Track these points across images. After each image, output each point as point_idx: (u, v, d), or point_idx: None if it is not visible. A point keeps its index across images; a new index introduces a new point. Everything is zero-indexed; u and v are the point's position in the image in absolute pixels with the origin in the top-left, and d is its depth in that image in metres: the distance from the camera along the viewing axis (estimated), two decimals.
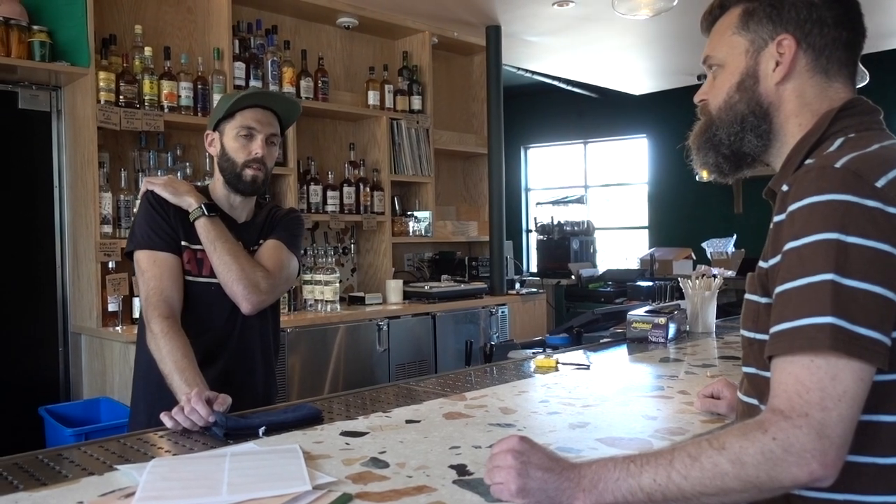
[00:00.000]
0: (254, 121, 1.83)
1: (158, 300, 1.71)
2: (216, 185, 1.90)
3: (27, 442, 2.34)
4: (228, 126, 1.84)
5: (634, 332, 2.38)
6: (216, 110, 1.88)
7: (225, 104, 1.84)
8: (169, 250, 1.77)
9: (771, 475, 0.83)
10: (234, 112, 1.83)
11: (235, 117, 1.83)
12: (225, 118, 1.84)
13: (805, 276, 0.88)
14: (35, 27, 2.96)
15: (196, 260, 1.81)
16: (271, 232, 1.92)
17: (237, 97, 1.82)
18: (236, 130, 1.82)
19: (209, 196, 1.88)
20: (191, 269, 1.80)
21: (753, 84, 1.07)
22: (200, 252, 1.80)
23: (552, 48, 5.27)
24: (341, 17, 4.11)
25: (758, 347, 0.99)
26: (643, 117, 7.36)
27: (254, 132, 1.83)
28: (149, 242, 1.76)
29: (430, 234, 4.42)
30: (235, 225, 1.88)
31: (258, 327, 1.88)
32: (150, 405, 1.74)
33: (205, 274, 1.81)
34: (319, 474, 1.11)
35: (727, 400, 1.41)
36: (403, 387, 1.78)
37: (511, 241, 4.94)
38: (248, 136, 1.82)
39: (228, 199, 1.88)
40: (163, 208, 1.79)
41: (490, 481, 0.97)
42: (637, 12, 2.79)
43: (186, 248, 1.80)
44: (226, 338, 1.83)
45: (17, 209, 3.18)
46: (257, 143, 1.82)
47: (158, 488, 1.05)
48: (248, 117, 1.83)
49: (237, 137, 1.82)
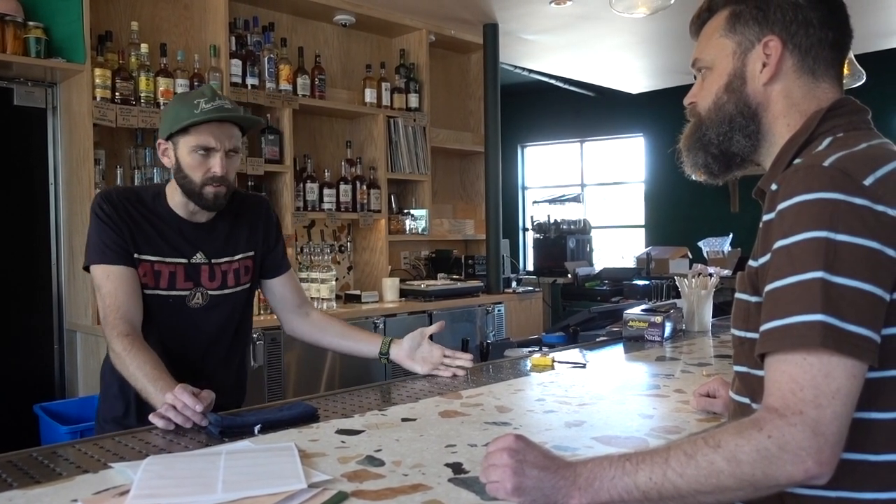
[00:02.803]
0: (212, 138, 1.68)
1: (115, 318, 1.64)
2: (172, 190, 1.77)
3: (22, 440, 2.33)
4: (183, 141, 1.69)
5: (631, 330, 2.38)
6: (168, 119, 1.71)
7: (179, 114, 1.68)
8: (122, 263, 1.69)
9: (766, 473, 0.84)
10: (189, 127, 1.68)
11: (190, 133, 1.68)
12: (179, 132, 1.69)
13: (795, 274, 0.88)
14: (31, 23, 2.95)
15: (153, 272, 1.73)
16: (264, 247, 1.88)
17: (192, 117, 1.65)
18: (191, 148, 1.68)
19: (165, 199, 1.77)
20: (147, 281, 1.73)
21: (741, 85, 1.08)
22: (157, 264, 1.74)
23: (549, 47, 5.26)
24: (338, 15, 4.10)
25: (749, 346, 0.99)
26: (640, 116, 7.36)
27: (212, 150, 1.69)
28: (101, 256, 1.69)
29: (426, 233, 4.42)
30: (196, 228, 1.79)
31: (222, 336, 1.84)
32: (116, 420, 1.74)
33: (162, 286, 1.74)
34: (315, 472, 1.11)
35: (723, 398, 1.42)
36: (399, 385, 1.78)
37: (508, 239, 4.94)
38: (206, 154, 1.69)
39: (187, 206, 1.77)
40: (112, 220, 1.70)
41: (486, 480, 0.97)
42: (634, 11, 2.79)
43: (142, 261, 1.72)
44: (200, 357, 1.80)
45: (13, 206, 3.17)
46: (216, 162, 1.69)
47: (153, 486, 1.05)
48: (204, 134, 1.67)
49: (193, 154, 1.68)
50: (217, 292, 1.81)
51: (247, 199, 1.91)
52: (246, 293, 1.89)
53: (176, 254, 1.76)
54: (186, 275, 1.77)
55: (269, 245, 1.91)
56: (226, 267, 1.82)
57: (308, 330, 1.99)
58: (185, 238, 1.78)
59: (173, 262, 1.76)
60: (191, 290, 1.78)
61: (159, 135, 1.75)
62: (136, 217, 1.74)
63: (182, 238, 1.77)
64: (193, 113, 1.67)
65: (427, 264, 4.67)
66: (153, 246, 1.74)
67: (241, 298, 1.87)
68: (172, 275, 1.76)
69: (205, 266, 1.79)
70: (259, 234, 1.89)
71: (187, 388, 1.43)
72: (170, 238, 1.76)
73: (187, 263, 1.77)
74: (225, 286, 1.82)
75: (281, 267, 1.94)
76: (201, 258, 1.79)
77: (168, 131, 1.71)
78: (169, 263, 1.76)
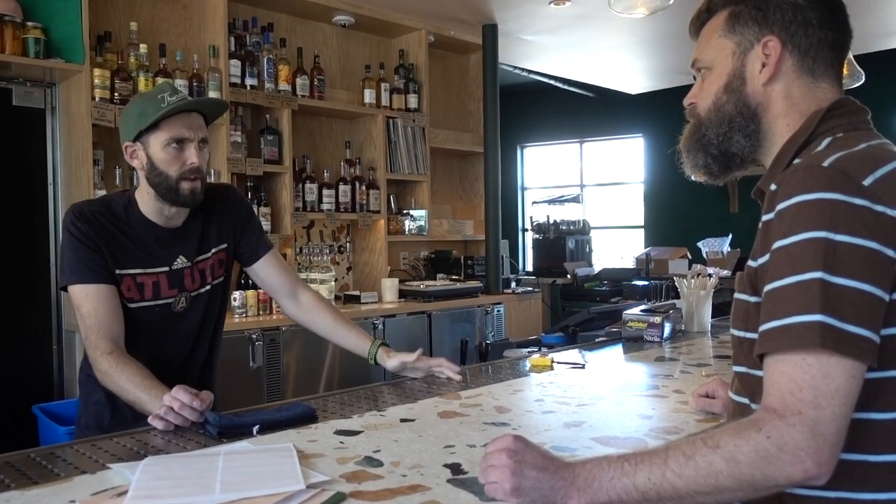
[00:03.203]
0: (185, 128, 1.67)
1: (98, 338, 1.61)
2: (143, 196, 1.74)
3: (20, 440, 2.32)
4: (153, 138, 1.67)
5: (630, 331, 2.38)
6: (133, 119, 1.68)
7: (144, 112, 1.66)
8: (100, 281, 1.66)
9: (765, 473, 0.84)
10: (159, 122, 1.65)
11: (161, 127, 1.66)
12: (148, 129, 1.66)
13: (794, 274, 0.88)
14: (29, 23, 2.95)
15: (136, 285, 1.71)
16: (236, 233, 1.86)
17: (160, 110, 1.64)
18: (164, 142, 1.66)
19: (136, 206, 1.74)
20: (132, 295, 1.71)
21: (740, 85, 1.08)
22: (140, 276, 1.72)
23: (549, 47, 5.26)
24: (337, 15, 4.10)
25: (748, 346, 0.99)
26: (639, 117, 7.36)
27: (186, 141, 1.67)
28: (79, 276, 1.65)
29: (425, 233, 4.42)
30: (171, 233, 1.77)
31: (207, 340, 1.85)
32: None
33: (147, 297, 1.73)
34: (313, 473, 1.10)
35: (722, 399, 1.41)
36: (398, 385, 1.78)
37: (507, 239, 4.94)
38: (180, 147, 1.67)
39: (162, 210, 1.74)
40: (88, 238, 1.66)
41: (484, 480, 0.97)
42: (633, 11, 2.79)
43: (124, 276, 1.70)
44: (184, 358, 1.80)
45: (12, 206, 3.16)
46: (192, 152, 1.68)
47: (151, 487, 1.05)
48: (176, 126, 1.66)
49: (166, 149, 1.66)
50: (196, 292, 1.80)
51: (212, 190, 1.86)
52: (222, 286, 1.88)
53: (157, 263, 1.74)
54: (170, 282, 1.76)
55: (240, 230, 1.88)
56: (202, 265, 1.81)
57: (300, 316, 1.96)
58: (163, 245, 1.75)
59: (154, 272, 1.74)
60: (175, 296, 1.77)
61: (123, 138, 1.71)
62: (112, 231, 1.71)
63: (160, 245, 1.75)
64: (160, 107, 1.64)
65: (426, 265, 4.67)
66: (133, 259, 1.71)
67: (217, 292, 1.86)
68: (156, 284, 1.74)
69: (187, 269, 1.78)
70: (229, 223, 1.86)
71: (185, 388, 1.43)
72: (148, 248, 1.74)
73: (169, 271, 1.76)
74: (204, 284, 1.82)
75: (259, 249, 1.90)
76: (183, 262, 1.78)
77: (135, 131, 1.68)
78: (151, 274, 1.74)
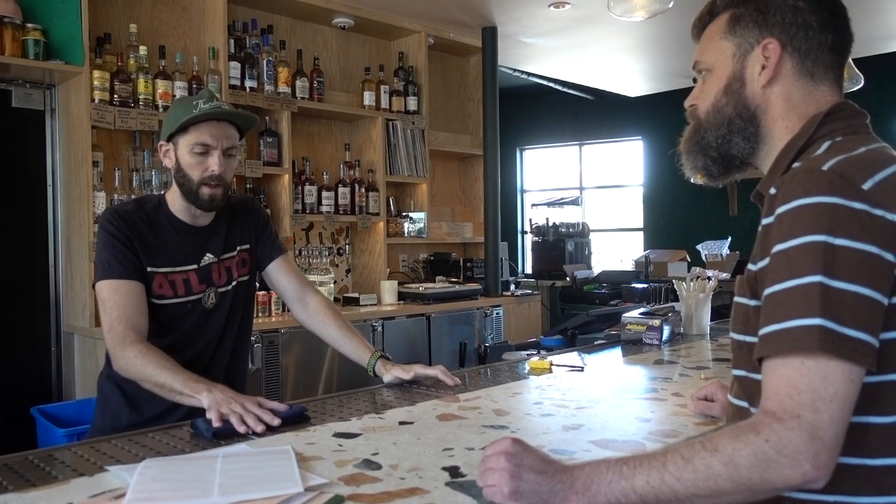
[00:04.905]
0: (209, 136, 1.73)
1: (125, 328, 1.65)
2: (173, 196, 1.82)
3: (19, 442, 2.32)
4: (183, 140, 1.75)
5: (629, 333, 2.38)
6: (169, 121, 1.77)
7: (179, 115, 1.74)
8: (131, 278, 1.70)
9: (764, 477, 0.83)
10: (188, 126, 1.73)
11: (189, 132, 1.73)
12: (179, 132, 1.75)
13: (793, 278, 0.88)
14: (29, 25, 2.95)
15: (168, 282, 1.77)
16: (255, 237, 1.94)
17: (190, 115, 1.71)
18: (190, 146, 1.73)
19: (167, 207, 1.81)
20: (164, 292, 1.76)
21: (740, 87, 1.08)
22: (171, 274, 1.77)
23: (548, 50, 5.27)
24: (337, 18, 4.10)
25: (747, 350, 0.99)
26: (638, 119, 7.37)
27: (210, 148, 1.74)
28: (110, 272, 1.70)
29: (425, 235, 4.42)
30: (199, 231, 1.84)
31: (232, 337, 1.89)
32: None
33: (180, 294, 1.79)
34: (311, 476, 1.10)
35: (721, 402, 1.41)
36: (397, 388, 1.77)
37: (506, 242, 4.94)
38: (204, 153, 1.74)
39: (189, 209, 1.81)
40: (123, 235, 1.72)
41: (483, 483, 0.97)
42: (632, 14, 2.79)
43: (156, 274, 1.75)
44: (211, 354, 1.84)
45: (11, 208, 3.16)
46: (214, 160, 1.74)
47: (149, 490, 1.04)
48: (203, 132, 1.73)
49: (192, 153, 1.74)
50: (224, 288, 1.87)
51: (235, 199, 1.95)
52: (246, 284, 1.94)
53: (186, 260, 1.81)
54: (199, 277, 1.82)
55: (258, 234, 1.96)
56: (228, 262, 1.88)
57: (307, 321, 2.00)
58: (192, 242, 1.83)
59: (185, 269, 1.81)
60: (205, 290, 1.83)
61: (161, 137, 1.81)
62: (144, 230, 1.77)
63: (190, 243, 1.82)
64: (192, 112, 1.72)
65: (425, 267, 4.67)
66: (164, 257, 1.78)
67: (242, 290, 1.92)
68: (186, 281, 1.81)
69: (214, 265, 1.85)
70: (250, 228, 1.94)
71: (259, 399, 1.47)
72: (178, 245, 1.81)
73: (198, 268, 1.82)
74: (230, 281, 1.88)
75: (273, 252, 1.97)
76: (210, 258, 1.84)
77: (168, 132, 1.77)
78: (181, 272, 1.80)
